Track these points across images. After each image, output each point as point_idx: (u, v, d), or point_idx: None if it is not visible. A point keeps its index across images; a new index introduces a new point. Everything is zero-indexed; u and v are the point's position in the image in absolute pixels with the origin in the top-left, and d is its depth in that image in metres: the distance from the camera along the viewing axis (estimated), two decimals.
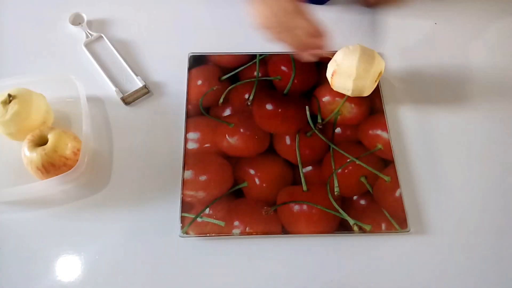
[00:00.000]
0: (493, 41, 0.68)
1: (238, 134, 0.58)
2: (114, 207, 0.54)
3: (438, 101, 0.62)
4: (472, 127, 0.60)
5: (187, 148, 0.57)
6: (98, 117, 0.60)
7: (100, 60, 0.65)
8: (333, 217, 0.53)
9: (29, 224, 0.53)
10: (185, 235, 0.51)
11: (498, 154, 0.58)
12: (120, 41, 0.67)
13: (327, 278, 0.50)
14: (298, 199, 0.54)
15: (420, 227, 0.53)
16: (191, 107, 0.60)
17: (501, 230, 0.53)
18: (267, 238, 0.52)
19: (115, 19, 0.69)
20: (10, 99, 0.54)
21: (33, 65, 0.65)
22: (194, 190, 0.54)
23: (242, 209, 0.53)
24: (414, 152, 0.58)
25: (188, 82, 0.62)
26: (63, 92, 0.60)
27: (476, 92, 0.63)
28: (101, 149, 0.58)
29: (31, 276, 0.50)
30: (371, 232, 0.52)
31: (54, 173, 0.52)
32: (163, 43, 0.67)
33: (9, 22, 0.69)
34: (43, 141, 0.53)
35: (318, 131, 0.59)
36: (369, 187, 0.55)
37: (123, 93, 0.61)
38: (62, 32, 0.68)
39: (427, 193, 0.55)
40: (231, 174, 0.55)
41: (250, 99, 0.61)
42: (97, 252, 0.51)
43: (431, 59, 0.66)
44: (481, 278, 0.50)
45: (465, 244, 0.52)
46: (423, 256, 0.51)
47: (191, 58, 0.64)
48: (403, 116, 0.61)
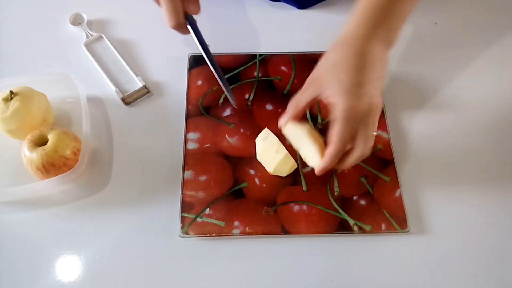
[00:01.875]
0: (493, 41, 0.68)
1: (238, 134, 0.58)
2: (114, 207, 0.54)
3: (438, 101, 0.62)
4: (472, 126, 0.60)
5: (187, 148, 0.57)
6: (98, 117, 0.60)
7: (100, 60, 0.65)
8: (333, 217, 0.53)
9: (29, 224, 0.53)
10: (185, 235, 0.51)
11: (498, 154, 0.58)
12: (120, 41, 0.67)
13: (327, 278, 0.50)
14: (298, 199, 0.54)
15: (420, 227, 0.53)
16: (191, 107, 0.60)
17: (501, 230, 0.53)
18: (267, 238, 0.52)
19: (115, 19, 0.69)
20: (11, 96, 0.54)
21: (33, 65, 0.65)
22: (194, 190, 0.54)
23: (242, 209, 0.53)
24: (414, 152, 0.58)
25: (188, 82, 0.62)
26: (63, 92, 0.60)
27: (476, 92, 0.63)
28: (101, 149, 0.58)
29: (31, 275, 0.50)
30: (371, 232, 0.52)
31: (54, 173, 0.52)
32: (163, 43, 0.67)
33: (9, 22, 0.69)
34: (43, 141, 0.53)
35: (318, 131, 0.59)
36: (369, 187, 0.55)
37: (123, 93, 0.61)
38: (62, 32, 0.68)
39: (427, 193, 0.55)
40: (231, 174, 0.55)
41: (250, 99, 0.61)
42: (97, 252, 0.51)
43: (431, 59, 0.66)
44: (481, 278, 0.50)
45: (465, 244, 0.52)
46: (423, 256, 0.51)
47: (191, 58, 0.64)
48: (403, 116, 0.61)
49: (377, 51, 0.44)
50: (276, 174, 0.55)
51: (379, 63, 0.45)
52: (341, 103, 0.43)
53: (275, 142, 0.54)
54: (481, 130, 0.60)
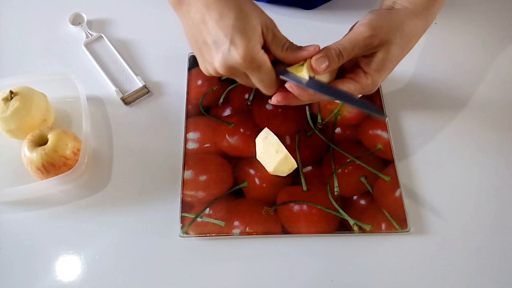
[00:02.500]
0: (494, 42, 0.68)
1: (238, 134, 0.58)
2: (114, 207, 0.54)
3: (438, 101, 0.62)
4: (472, 127, 0.60)
5: (187, 148, 0.57)
6: (98, 117, 0.60)
7: (100, 60, 0.65)
8: (333, 217, 0.53)
9: (29, 224, 0.53)
10: (185, 235, 0.51)
11: (498, 154, 0.58)
12: (120, 41, 0.67)
13: (327, 278, 0.50)
14: (298, 199, 0.54)
15: (420, 227, 0.53)
16: (191, 107, 0.60)
17: (501, 230, 0.53)
18: (267, 238, 0.52)
19: (115, 19, 0.69)
20: (11, 96, 0.54)
21: (33, 65, 0.65)
22: (194, 190, 0.54)
23: (242, 209, 0.53)
24: (414, 152, 0.58)
25: (188, 82, 0.62)
26: (63, 92, 0.60)
27: (476, 93, 0.63)
28: (101, 149, 0.58)
29: (31, 276, 0.50)
30: (371, 232, 0.52)
31: (54, 173, 0.52)
32: (163, 43, 0.67)
33: (9, 22, 0.69)
34: (43, 141, 0.53)
35: (318, 131, 0.59)
36: (369, 187, 0.55)
37: (123, 93, 0.61)
38: (62, 32, 0.68)
39: (427, 193, 0.55)
40: (231, 174, 0.55)
41: (250, 99, 0.61)
42: (97, 252, 0.51)
43: (431, 59, 0.66)
44: (481, 278, 0.50)
45: (465, 244, 0.52)
46: (423, 256, 0.51)
47: (191, 58, 0.64)
48: (403, 116, 0.61)
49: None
50: (276, 174, 0.55)
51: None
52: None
53: (275, 142, 0.54)
54: (481, 130, 0.60)
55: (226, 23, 0.42)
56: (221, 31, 0.42)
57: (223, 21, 0.42)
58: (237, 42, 0.42)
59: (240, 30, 0.42)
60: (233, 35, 0.42)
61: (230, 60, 0.43)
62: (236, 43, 0.42)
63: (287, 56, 0.45)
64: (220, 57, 0.43)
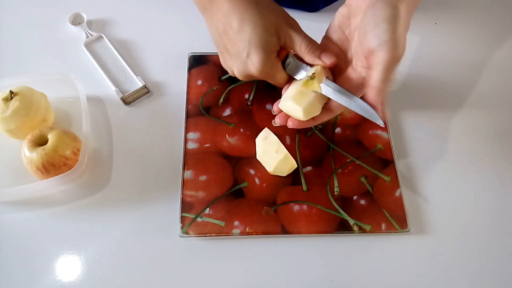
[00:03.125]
0: (494, 41, 0.68)
1: (238, 134, 0.58)
2: (114, 207, 0.54)
3: (438, 101, 0.62)
4: (472, 127, 0.60)
5: (187, 148, 0.57)
6: (98, 117, 0.60)
7: (100, 60, 0.65)
8: (333, 217, 0.53)
9: (29, 224, 0.53)
10: (185, 235, 0.51)
11: (498, 155, 0.58)
12: (120, 41, 0.67)
13: (327, 278, 0.50)
14: (298, 199, 0.54)
15: (420, 227, 0.53)
16: (191, 107, 0.60)
17: (501, 230, 0.53)
18: (267, 238, 0.52)
19: (115, 19, 0.69)
20: (11, 96, 0.54)
21: (33, 65, 0.65)
22: (194, 190, 0.54)
23: (242, 209, 0.53)
24: (414, 152, 0.58)
25: (188, 82, 0.62)
26: (63, 92, 0.60)
27: (477, 92, 0.63)
28: (101, 149, 0.58)
29: (31, 276, 0.50)
30: (371, 232, 0.52)
31: (54, 173, 0.52)
32: (163, 43, 0.67)
33: (9, 22, 0.69)
34: (43, 141, 0.53)
35: (318, 131, 0.59)
36: (369, 187, 0.55)
37: (123, 93, 0.61)
38: (62, 32, 0.68)
39: (427, 193, 0.55)
40: (231, 174, 0.55)
41: (250, 99, 0.61)
42: (97, 252, 0.51)
43: (431, 59, 0.66)
44: (481, 278, 0.50)
45: (465, 244, 0.52)
46: (423, 256, 0.51)
47: (191, 58, 0.64)
48: (403, 116, 0.61)
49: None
50: (276, 174, 0.55)
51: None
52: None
53: (275, 142, 0.54)
54: (482, 130, 0.60)
55: (243, 36, 0.45)
56: (240, 44, 0.46)
57: (241, 34, 0.46)
58: (253, 56, 0.46)
59: (255, 45, 0.45)
60: (249, 49, 0.45)
61: (247, 70, 0.48)
62: (251, 57, 0.46)
63: (304, 57, 0.48)
64: (238, 66, 0.48)
